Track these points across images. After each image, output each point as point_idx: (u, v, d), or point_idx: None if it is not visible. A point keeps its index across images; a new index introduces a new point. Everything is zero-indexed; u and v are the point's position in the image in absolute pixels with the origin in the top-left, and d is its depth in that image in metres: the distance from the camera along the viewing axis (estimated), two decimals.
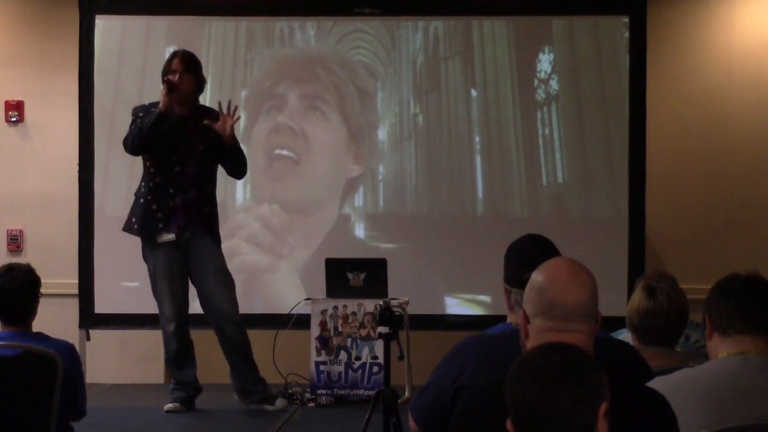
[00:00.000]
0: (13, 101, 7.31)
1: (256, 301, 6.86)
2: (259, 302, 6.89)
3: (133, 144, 5.88)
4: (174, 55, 5.94)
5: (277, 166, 7.05)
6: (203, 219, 5.85)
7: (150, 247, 5.90)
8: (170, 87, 5.76)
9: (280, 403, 5.95)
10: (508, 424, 1.94)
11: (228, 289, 5.90)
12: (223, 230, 6.19)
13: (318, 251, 6.94)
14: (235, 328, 5.91)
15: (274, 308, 6.80)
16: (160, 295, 5.92)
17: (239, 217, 6.98)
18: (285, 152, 7.07)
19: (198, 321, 6.07)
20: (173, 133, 5.82)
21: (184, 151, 5.83)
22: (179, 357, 5.96)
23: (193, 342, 6.04)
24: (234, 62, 7.07)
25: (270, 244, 6.99)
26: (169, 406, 5.91)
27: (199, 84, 5.94)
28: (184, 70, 5.83)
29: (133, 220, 5.92)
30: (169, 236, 5.84)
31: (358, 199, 7.11)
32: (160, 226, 5.83)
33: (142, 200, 5.90)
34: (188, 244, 5.85)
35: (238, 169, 5.97)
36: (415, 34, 7.08)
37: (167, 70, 5.87)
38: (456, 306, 6.97)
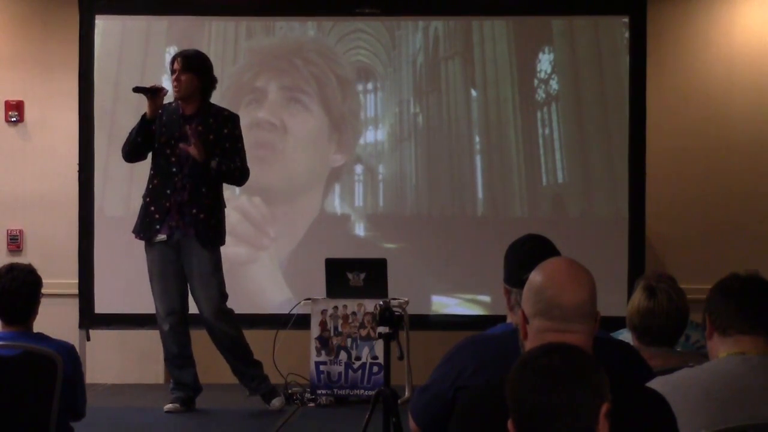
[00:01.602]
0: (13, 101, 7.31)
1: (236, 295, 6.75)
2: (240, 296, 6.79)
3: (124, 151, 5.97)
4: (174, 56, 5.94)
5: (259, 161, 7.01)
6: (193, 220, 5.83)
7: (147, 246, 5.93)
8: (151, 93, 5.77)
9: (277, 402, 5.93)
10: (509, 424, 1.94)
11: (208, 293, 5.87)
12: None
13: (301, 243, 6.93)
14: (218, 330, 5.91)
15: (255, 302, 6.82)
16: (153, 294, 5.95)
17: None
18: (267, 147, 7.04)
19: (199, 321, 6.07)
20: (171, 134, 5.82)
21: (182, 151, 5.82)
22: (177, 357, 5.96)
23: (191, 341, 6.04)
24: (234, 62, 7.07)
25: (250, 236, 6.97)
26: (168, 406, 5.91)
27: (204, 82, 5.90)
28: (182, 70, 5.83)
29: (138, 222, 5.95)
30: (162, 236, 5.86)
31: (358, 199, 7.11)
32: (157, 227, 5.85)
33: (143, 202, 5.93)
34: (178, 246, 5.86)
35: (229, 182, 5.97)
36: (415, 34, 7.08)
37: (171, 72, 5.88)
38: (456, 306, 6.97)
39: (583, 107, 6.98)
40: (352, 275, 6.31)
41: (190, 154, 5.74)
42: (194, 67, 5.87)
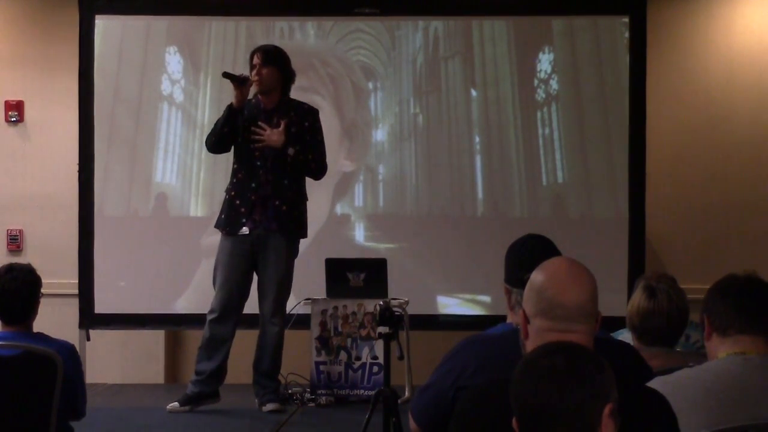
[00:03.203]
0: (13, 101, 7.31)
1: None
2: (251, 303, 6.83)
3: (209, 141, 5.96)
4: (253, 51, 5.95)
5: None
6: (275, 214, 5.84)
7: (224, 236, 5.92)
8: (239, 82, 5.78)
9: (270, 405, 5.91)
10: (514, 423, 1.95)
11: (273, 290, 5.87)
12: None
13: (311, 247, 6.92)
14: (270, 329, 5.91)
15: (255, 302, 6.82)
16: (213, 282, 5.95)
17: None
18: None
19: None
20: (252, 126, 5.82)
21: (266, 145, 5.83)
22: (208, 347, 5.92)
23: (232, 339, 5.96)
24: (234, 62, 7.05)
25: None
26: (169, 406, 5.90)
27: (285, 76, 5.91)
28: (262, 63, 5.85)
29: (222, 216, 5.94)
30: (244, 230, 5.86)
31: (358, 199, 7.11)
32: (243, 220, 5.85)
33: (227, 196, 5.95)
34: (258, 240, 5.86)
35: (306, 174, 5.97)
36: (415, 34, 7.07)
37: (251, 68, 5.89)
38: (456, 306, 6.97)
39: (583, 107, 6.98)
40: (352, 275, 6.31)
41: (270, 143, 5.76)
42: (274, 61, 5.88)
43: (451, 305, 6.97)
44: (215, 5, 7.12)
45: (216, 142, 5.93)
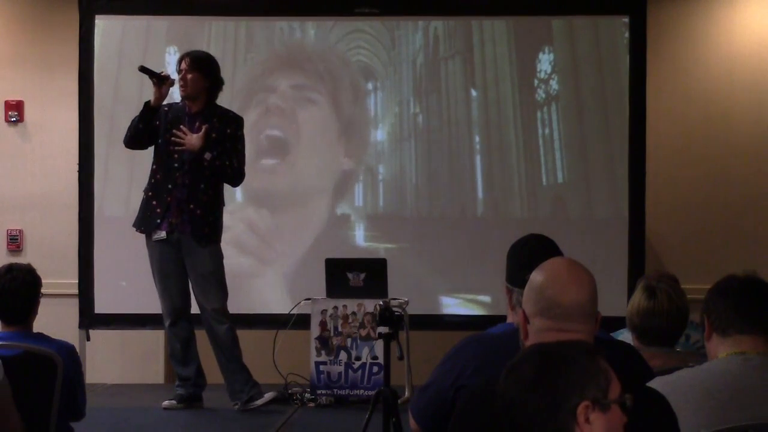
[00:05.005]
0: (13, 101, 7.31)
1: (246, 302, 6.77)
2: (251, 303, 6.83)
3: (126, 136, 5.99)
4: (181, 56, 5.98)
5: (267, 153, 7.00)
6: (190, 217, 5.86)
7: (148, 241, 5.97)
8: (158, 78, 5.80)
9: (268, 396, 5.93)
10: None
11: (206, 293, 5.91)
12: None
13: (311, 247, 6.92)
14: (219, 328, 5.94)
15: (255, 302, 6.81)
16: (158, 292, 5.99)
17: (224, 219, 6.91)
18: (275, 132, 7.02)
19: (198, 320, 6.08)
20: (174, 129, 5.83)
21: (185, 149, 5.84)
22: (179, 353, 6.01)
23: (195, 338, 6.06)
24: (234, 62, 7.06)
25: (256, 248, 6.96)
26: (165, 403, 5.94)
27: (211, 83, 5.93)
28: (189, 69, 5.87)
29: (139, 215, 5.98)
30: (161, 234, 5.89)
31: (358, 199, 7.11)
32: (158, 221, 5.88)
33: (144, 196, 5.98)
34: (179, 244, 5.89)
35: (222, 179, 5.97)
36: (415, 34, 7.07)
37: (178, 72, 5.92)
38: (456, 306, 6.97)
39: (583, 107, 6.98)
40: (352, 275, 6.31)
41: (189, 147, 5.78)
42: (201, 67, 5.91)
43: (451, 305, 6.98)
44: (215, 5, 7.12)
45: (131, 138, 5.97)
